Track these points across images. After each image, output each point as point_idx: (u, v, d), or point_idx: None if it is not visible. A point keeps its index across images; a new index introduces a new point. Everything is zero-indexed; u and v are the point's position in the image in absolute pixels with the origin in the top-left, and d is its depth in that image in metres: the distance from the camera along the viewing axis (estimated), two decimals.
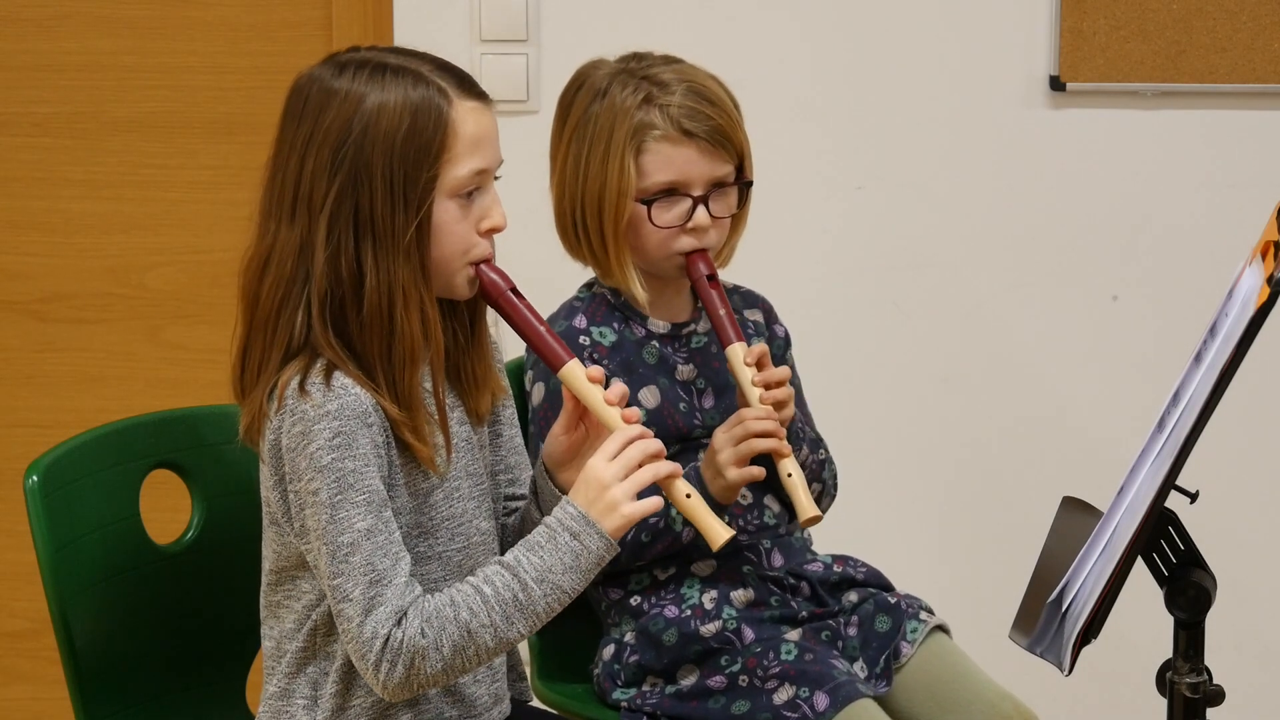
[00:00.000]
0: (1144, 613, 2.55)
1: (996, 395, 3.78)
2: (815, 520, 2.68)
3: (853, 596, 2.86)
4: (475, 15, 3.70)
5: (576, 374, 2.42)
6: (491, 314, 2.49)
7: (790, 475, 2.68)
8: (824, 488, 2.87)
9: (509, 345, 2.64)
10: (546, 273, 2.84)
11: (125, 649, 2.57)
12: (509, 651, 2.58)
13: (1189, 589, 2.17)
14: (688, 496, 2.38)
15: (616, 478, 2.34)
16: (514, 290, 2.43)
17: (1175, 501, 2.16)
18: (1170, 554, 2.18)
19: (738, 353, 2.74)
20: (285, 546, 2.40)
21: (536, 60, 3.70)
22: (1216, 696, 2.19)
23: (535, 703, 2.75)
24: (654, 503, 2.35)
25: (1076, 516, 2.32)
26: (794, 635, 2.76)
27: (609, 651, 2.81)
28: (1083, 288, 3.75)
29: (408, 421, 2.35)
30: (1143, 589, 2.25)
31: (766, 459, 2.71)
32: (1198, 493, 2.17)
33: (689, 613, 2.77)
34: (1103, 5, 3.63)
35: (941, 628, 2.86)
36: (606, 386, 2.41)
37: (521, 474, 2.61)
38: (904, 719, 2.79)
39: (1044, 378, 3.78)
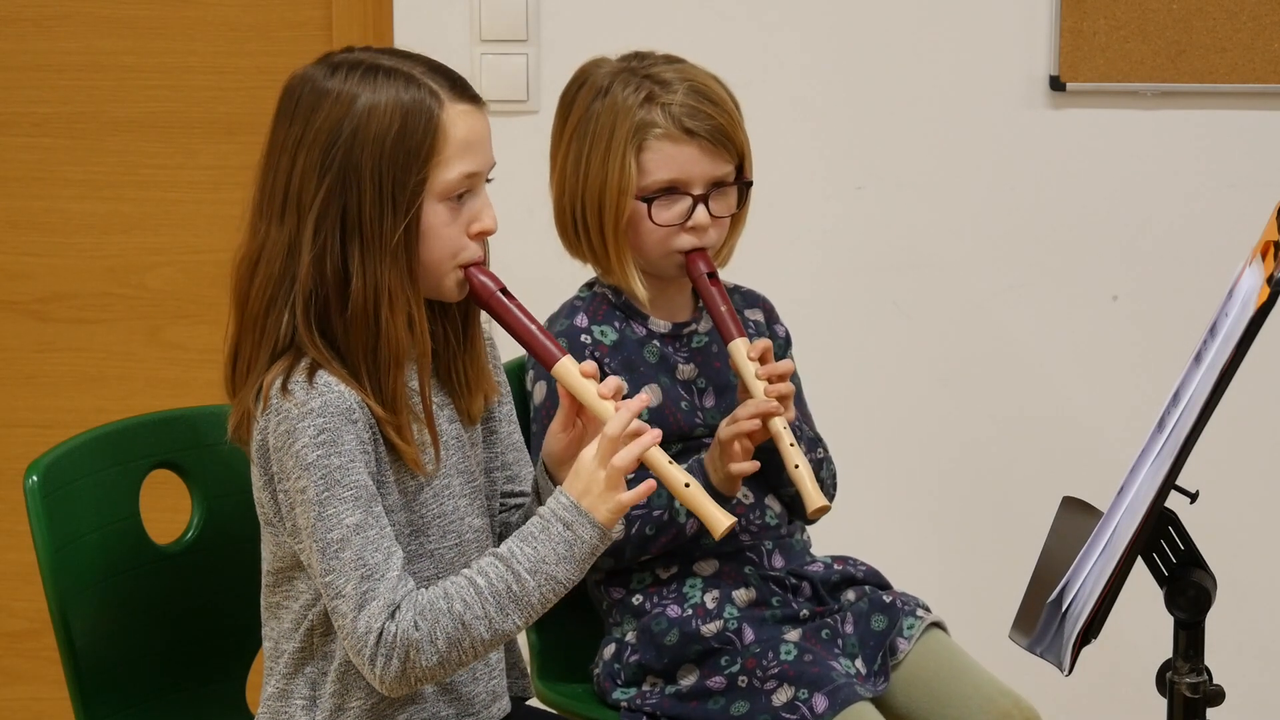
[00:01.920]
0: (1144, 613, 2.55)
1: (996, 395, 3.78)
2: (823, 510, 2.67)
3: (850, 595, 2.86)
4: (475, 15, 3.69)
5: (570, 370, 2.41)
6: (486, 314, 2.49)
7: (797, 466, 2.68)
8: (823, 486, 2.87)
9: (508, 345, 2.63)
10: (546, 273, 2.84)
11: (125, 649, 2.57)
12: (509, 649, 2.59)
13: (1189, 589, 2.17)
14: (686, 486, 2.38)
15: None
16: (504, 291, 2.42)
17: (1175, 501, 2.16)
18: (1170, 554, 2.18)
19: (740, 348, 2.74)
20: (280, 547, 2.40)
21: (536, 60, 3.70)
22: (1216, 696, 2.19)
23: (535, 702, 2.75)
24: (646, 488, 2.34)
25: (1076, 516, 2.31)
26: (794, 636, 2.76)
27: (610, 651, 2.82)
28: (1083, 288, 3.75)
29: (392, 421, 2.35)
30: (1143, 589, 2.25)
31: (773, 456, 2.71)
32: (1198, 493, 2.17)
33: (690, 612, 2.77)
34: (1103, 5, 3.63)
35: (938, 624, 2.86)
36: (601, 382, 2.41)
37: (521, 471, 2.61)
38: (903, 716, 2.79)
39: (1043, 378, 3.78)
